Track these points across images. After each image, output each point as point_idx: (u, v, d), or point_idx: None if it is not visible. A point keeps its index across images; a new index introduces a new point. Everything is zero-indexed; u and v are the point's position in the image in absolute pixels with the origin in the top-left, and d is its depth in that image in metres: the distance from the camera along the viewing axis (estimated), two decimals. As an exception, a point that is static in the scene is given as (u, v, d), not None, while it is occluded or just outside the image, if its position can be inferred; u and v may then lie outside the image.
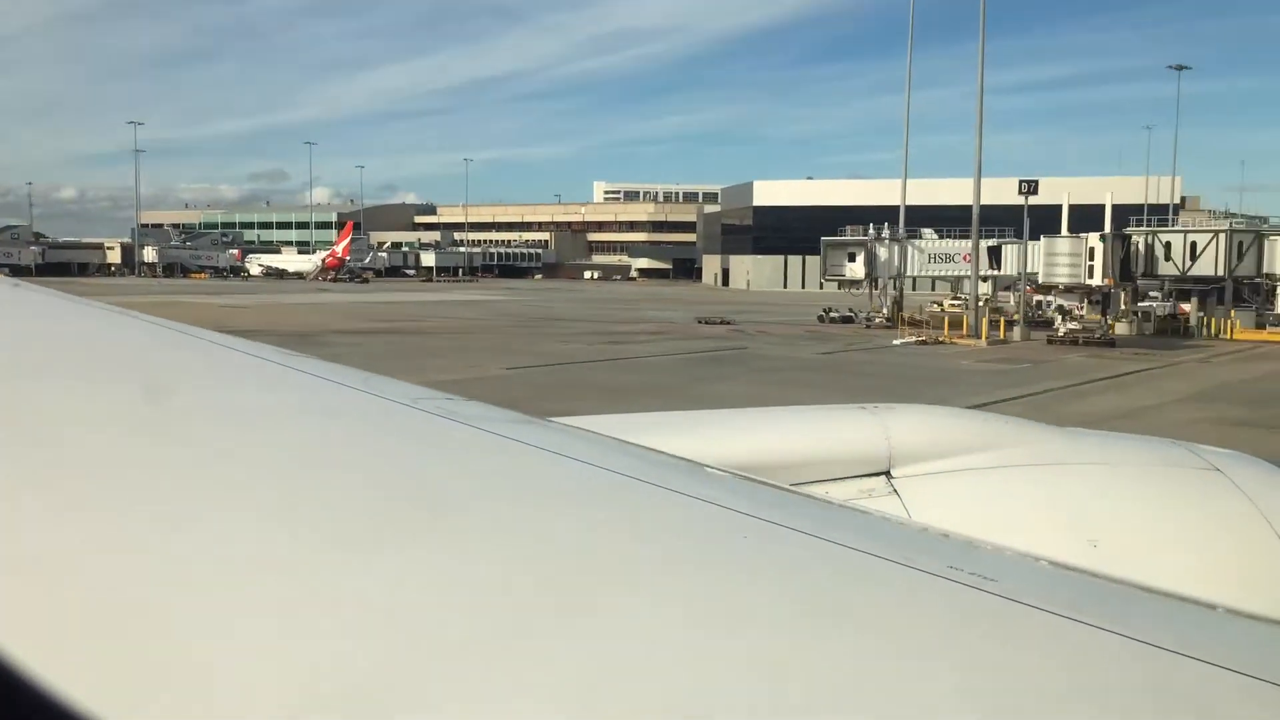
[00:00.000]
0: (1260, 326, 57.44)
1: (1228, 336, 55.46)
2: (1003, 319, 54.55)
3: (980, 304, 62.22)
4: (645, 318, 67.59)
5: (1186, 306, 59.15)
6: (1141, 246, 57.48)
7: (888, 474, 3.24)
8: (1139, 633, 1.19)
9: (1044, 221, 59.05)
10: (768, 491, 1.76)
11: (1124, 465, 3.40)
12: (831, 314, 63.84)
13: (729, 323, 61.35)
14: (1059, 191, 59.26)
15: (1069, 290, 50.51)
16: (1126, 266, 52.42)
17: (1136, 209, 64.94)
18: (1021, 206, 52.35)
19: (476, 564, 1.15)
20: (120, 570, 1.02)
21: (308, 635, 0.96)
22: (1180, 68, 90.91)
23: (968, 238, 61.27)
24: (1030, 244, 53.82)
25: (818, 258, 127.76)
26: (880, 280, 61.75)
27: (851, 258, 61.17)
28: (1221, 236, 58.22)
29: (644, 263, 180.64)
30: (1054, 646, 1.15)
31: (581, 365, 37.61)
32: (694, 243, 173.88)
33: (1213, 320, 57.67)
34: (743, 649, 1.05)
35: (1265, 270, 58.85)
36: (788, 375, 35.23)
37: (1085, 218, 58.01)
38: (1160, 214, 72.11)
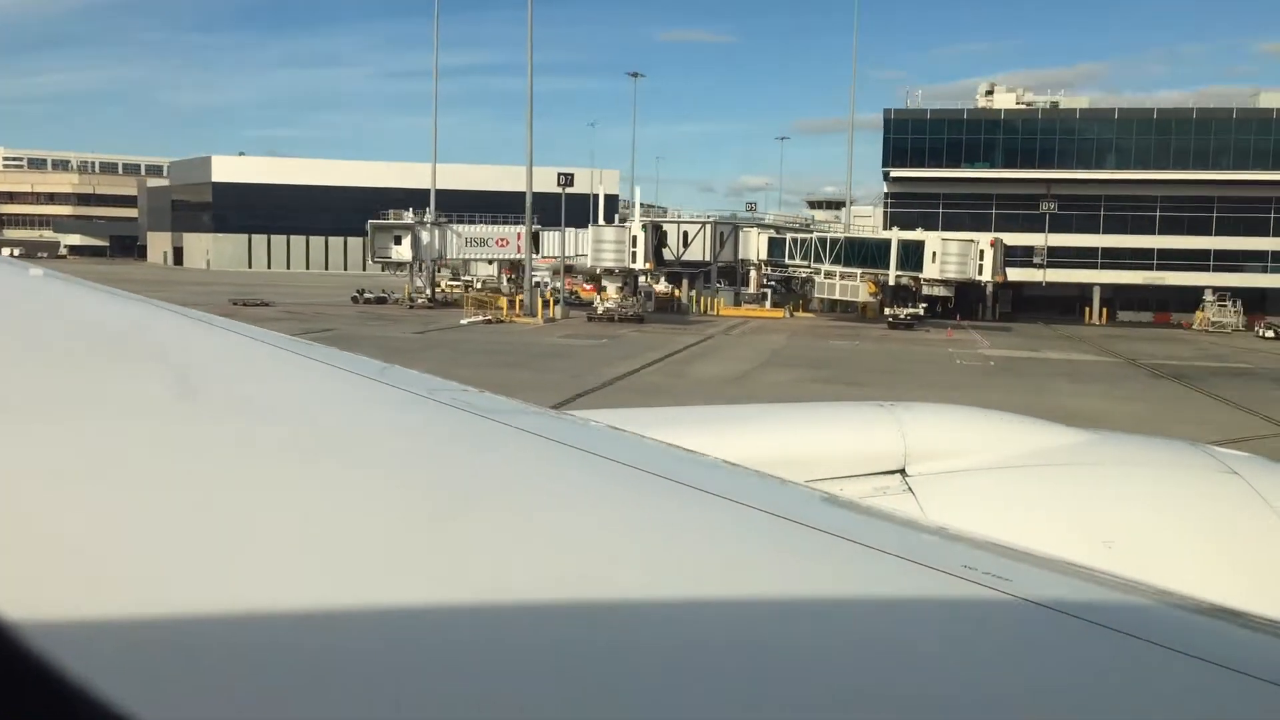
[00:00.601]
0: (738, 304, 68.21)
1: (715, 313, 65.23)
2: (551, 298, 59.47)
3: (479, 286, 66.95)
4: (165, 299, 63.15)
5: (660, 287, 68.26)
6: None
7: (903, 472, 3.25)
8: (1151, 635, 1.20)
9: (476, 204, 66.05)
10: (781, 487, 1.75)
11: (1140, 467, 3.41)
12: (366, 295, 64.66)
13: (267, 304, 59.79)
14: (483, 177, 64.75)
15: (610, 273, 56.57)
16: (659, 253, 59.69)
17: (583, 198, 70.71)
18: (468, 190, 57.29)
19: (496, 558, 1.15)
20: (129, 559, 0.99)
21: (320, 630, 0.94)
22: (635, 75, 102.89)
23: (498, 223, 65.66)
24: (575, 231, 59.33)
25: (285, 238, 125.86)
26: (423, 263, 63.83)
27: (398, 240, 62.58)
28: (708, 227, 68.15)
29: (75, 239, 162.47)
30: (1067, 648, 1.16)
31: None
32: (135, 218, 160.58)
33: (702, 299, 67.35)
34: (754, 645, 1.07)
35: (741, 257, 69.95)
36: (413, 356, 36.45)
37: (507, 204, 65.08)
38: (608, 205, 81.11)
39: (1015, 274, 66.01)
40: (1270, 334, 62.42)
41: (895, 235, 60.43)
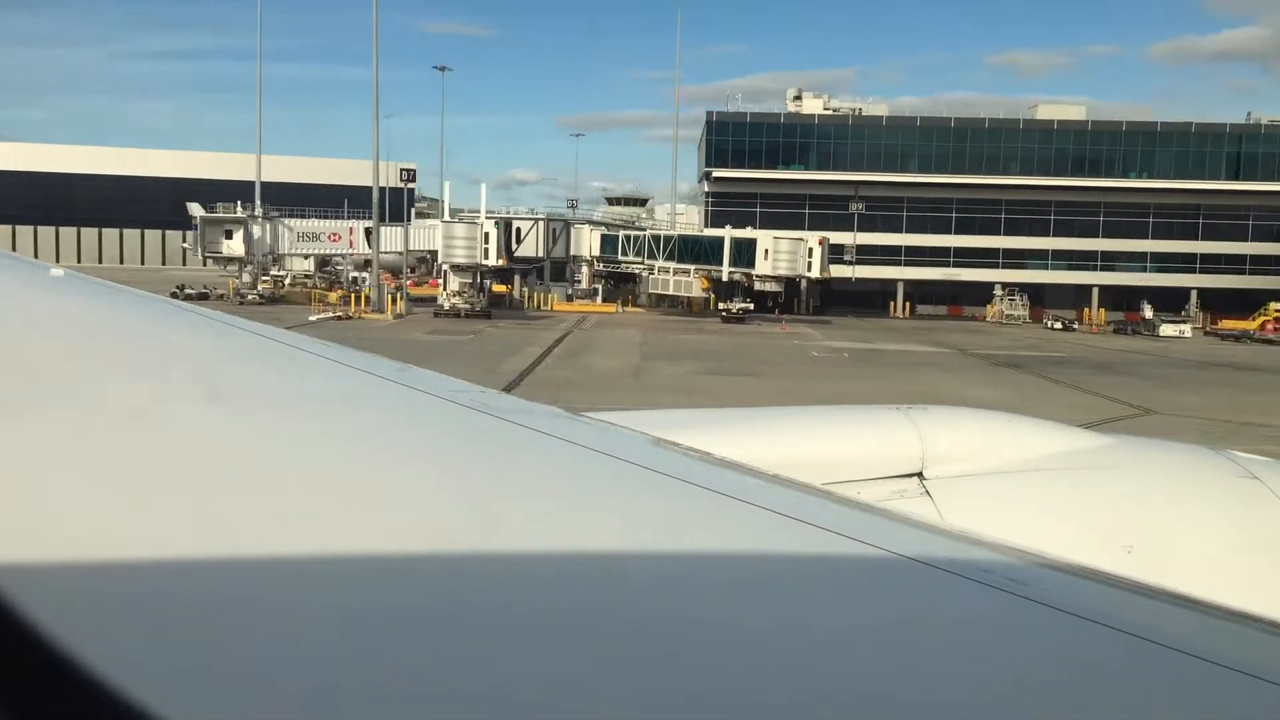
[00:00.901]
0: (570, 299, 69.15)
1: (550, 309, 65.84)
2: (400, 294, 58.66)
3: (290, 282, 65.42)
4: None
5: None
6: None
7: (920, 475, 3.26)
8: (1170, 641, 1.20)
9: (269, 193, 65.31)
10: (799, 491, 1.75)
11: (1160, 471, 3.41)
12: (186, 291, 61.76)
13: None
14: (308, 169, 63.87)
15: (459, 268, 56.39)
16: (510, 249, 59.86)
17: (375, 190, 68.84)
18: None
19: (514, 558, 1.17)
20: (145, 560, 0.99)
21: (341, 635, 0.95)
22: (443, 69, 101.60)
23: (329, 218, 64.21)
24: (413, 225, 58.75)
25: (54, 230, 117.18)
26: (256, 257, 61.69)
27: (229, 235, 60.19)
28: (541, 224, 68.83)
29: None
30: (1083, 653, 1.17)
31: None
32: None
33: (536, 295, 67.96)
34: (764, 645, 1.08)
35: (573, 253, 70.97)
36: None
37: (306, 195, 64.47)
38: (396, 196, 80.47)
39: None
40: (1059, 325, 69.18)
41: (728, 233, 62.99)
